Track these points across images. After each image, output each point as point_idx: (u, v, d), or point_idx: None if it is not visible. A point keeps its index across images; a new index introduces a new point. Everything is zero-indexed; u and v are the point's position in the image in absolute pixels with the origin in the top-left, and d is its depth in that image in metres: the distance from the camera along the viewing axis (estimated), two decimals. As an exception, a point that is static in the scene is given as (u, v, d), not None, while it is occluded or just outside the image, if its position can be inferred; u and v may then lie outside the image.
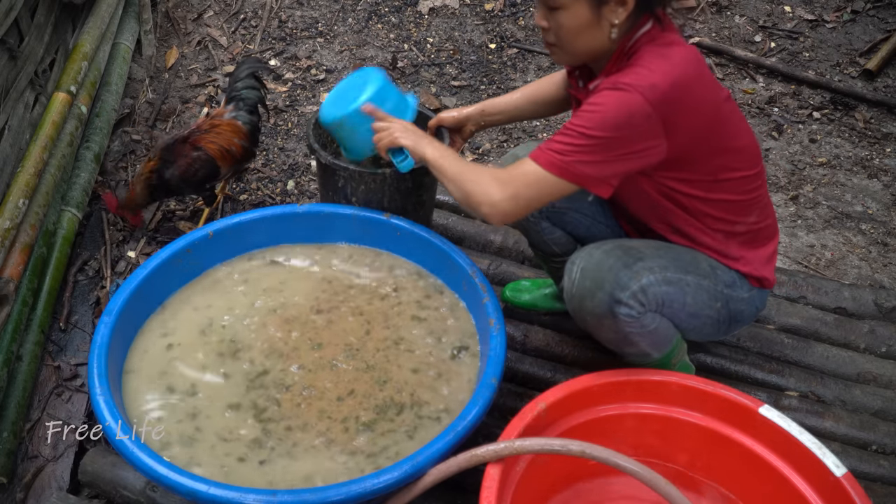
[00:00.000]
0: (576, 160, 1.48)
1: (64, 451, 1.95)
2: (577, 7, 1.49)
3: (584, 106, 1.49)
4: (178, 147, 2.35)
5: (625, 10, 1.48)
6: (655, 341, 1.67)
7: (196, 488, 1.41)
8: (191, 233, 1.97)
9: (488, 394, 1.60)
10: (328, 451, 1.61)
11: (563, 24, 1.52)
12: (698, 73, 1.51)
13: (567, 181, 1.50)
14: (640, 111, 1.44)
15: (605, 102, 1.45)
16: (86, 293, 2.36)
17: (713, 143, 1.56)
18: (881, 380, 2.07)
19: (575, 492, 1.69)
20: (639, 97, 1.43)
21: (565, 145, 1.48)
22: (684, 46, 1.53)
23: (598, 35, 1.52)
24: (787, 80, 3.39)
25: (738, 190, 1.63)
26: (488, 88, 3.32)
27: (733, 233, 1.67)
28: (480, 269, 1.92)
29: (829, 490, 1.52)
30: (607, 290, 1.57)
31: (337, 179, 2.01)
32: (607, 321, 1.61)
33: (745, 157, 1.62)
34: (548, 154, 1.50)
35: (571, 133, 1.48)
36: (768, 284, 1.73)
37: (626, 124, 1.45)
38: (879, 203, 2.84)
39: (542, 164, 1.50)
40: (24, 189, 2.24)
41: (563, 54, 1.59)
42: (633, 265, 1.58)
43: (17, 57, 2.55)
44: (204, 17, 3.60)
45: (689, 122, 1.50)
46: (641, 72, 1.46)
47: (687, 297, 1.63)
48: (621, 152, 1.48)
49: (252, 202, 2.72)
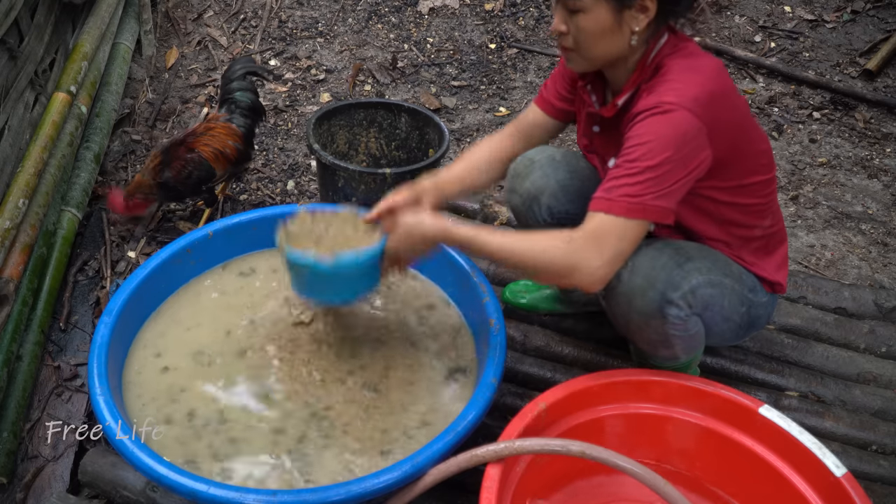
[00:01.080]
0: (652, 197, 1.43)
1: (64, 451, 1.95)
2: (598, 10, 1.46)
3: (633, 139, 1.45)
4: (174, 150, 2.36)
5: (646, 17, 1.46)
6: (690, 346, 1.66)
7: (196, 488, 1.41)
8: (191, 233, 1.98)
9: (488, 394, 1.60)
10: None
11: (583, 27, 1.49)
12: (727, 81, 1.51)
13: (649, 220, 1.46)
14: (692, 127, 1.42)
15: (657, 128, 1.42)
16: (86, 293, 2.36)
17: (742, 148, 1.56)
18: (881, 380, 2.07)
19: (575, 492, 1.69)
20: (687, 114, 1.42)
21: (637, 185, 1.43)
22: (709, 57, 1.53)
23: (618, 41, 1.50)
24: (787, 80, 3.39)
25: (758, 194, 1.63)
26: (488, 88, 3.32)
27: (750, 237, 1.67)
28: (480, 269, 1.92)
29: (829, 490, 1.52)
30: (659, 288, 1.54)
31: (337, 179, 2.01)
32: (655, 322, 1.58)
33: (765, 160, 1.62)
34: (624, 202, 1.43)
35: (636, 170, 1.43)
36: (780, 290, 1.73)
37: (683, 144, 1.43)
38: (879, 203, 2.84)
39: (622, 214, 1.43)
40: (24, 189, 2.24)
41: (580, 60, 1.56)
42: (684, 265, 1.56)
43: (17, 57, 2.55)
44: (204, 17, 3.60)
45: (727, 129, 1.50)
46: (678, 87, 1.44)
47: (724, 301, 1.62)
48: (684, 173, 1.46)
49: (252, 202, 2.72)
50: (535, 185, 1.80)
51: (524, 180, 1.80)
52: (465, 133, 3.09)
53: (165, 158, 2.35)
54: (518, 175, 1.82)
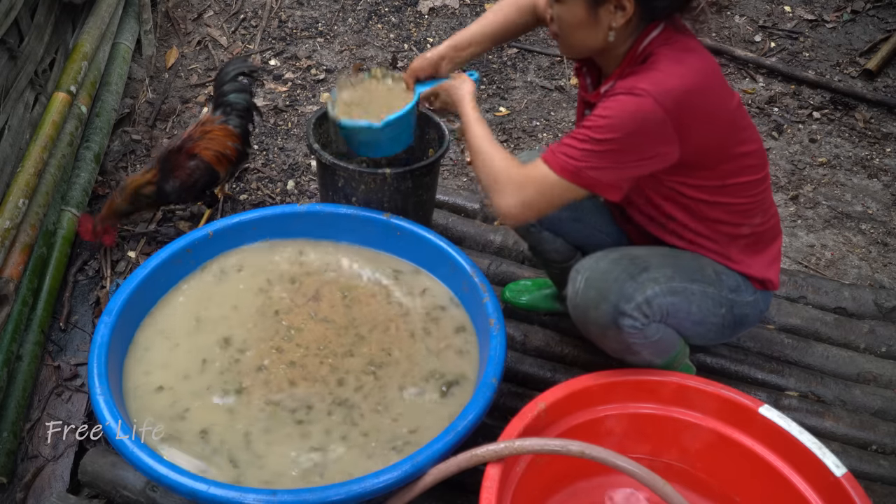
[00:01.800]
0: (588, 165, 1.47)
1: (64, 451, 1.95)
2: (574, 3, 1.49)
3: (598, 110, 1.48)
4: (174, 157, 2.31)
5: (623, 15, 1.47)
6: (658, 350, 1.67)
7: (196, 488, 1.41)
8: (191, 232, 1.98)
9: (488, 394, 1.60)
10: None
11: (560, 16, 1.53)
12: (713, 81, 1.51)
13: (579, 186, 1.50)
14: (653, 117, 1.43)
15: (619, 108, 1.44)
16: (86, 293, 2.36)
17: (724, 150, 1.56)
18: (881, 380, 2.07)
19: (574, 491, 1.69)
20: (652, 103, 1.42)
21: (578, 150, 1.47)
22: (701, 54, 1.52)
23: (595, 34, 1.52)
24: (787, 80, 3.39)
25: (744, 194, 1.63)
26: (488, 88, 3.32)
27: (737, 235, 1.67)
28: (480, 268, 1.92)
29: (829, 490, 1.52)
30: (612, 301, 1.56)
31: (337, 179, 2.01)
32: (611, 332, 1.61)
33: (753, 162, 1.62)
34: (560, 159, 1.49)
35: (585, 138, 1.47)
36: (772, 286, 1.73)
37: (639, 130, 1.44)
38: (879, 203, 2.84)
39: (555, 169, 1.49)
40: (24, 189, 2.24)
41: (563, 46, 1.60)
42: (638, 276, 1.57)
43: (17, 57, 2.55)
44: (204, 17, 3.60)
45: (702, 129, 1.50)
46: (657, 76, 1.45)
47: (692, 306, 1.63)
48: (634, 158, 1.48)
49: (252, 202, 2.72)
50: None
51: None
52: (465, 133, 3.10)
53: (165, 167, 2.30)
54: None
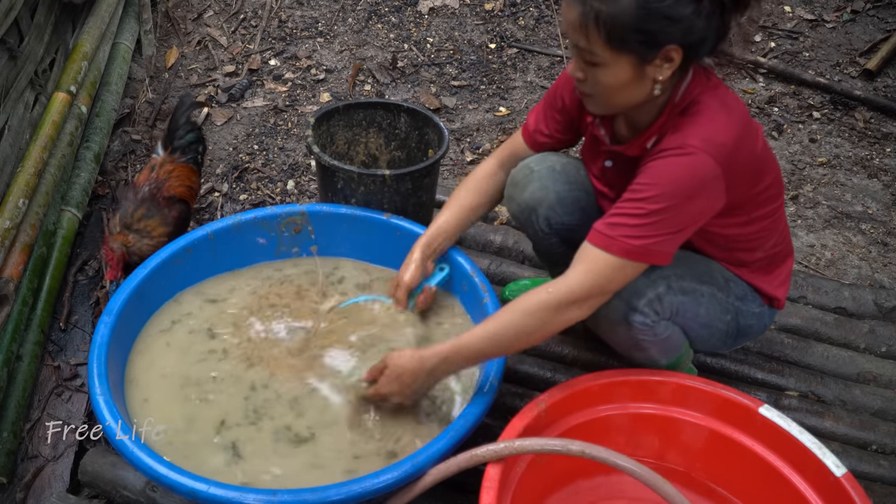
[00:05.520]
0: (654, 242, 1.41)
1: (64, 451, 1.95)
2: (619, 66, 1.39)
3: (647, 175, 1.41)
4: (155, 204, 2.20)
5: (671, 66, 1.39)
6: (665, 349, 1.67)
7: (196, 488, 1.41)
8: (191, 232, 1.98)
9: (488, 394, 1.60)
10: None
11: (601, 80, 1.42)
12: (749, 122, 1.48)
13: (647, 263, 1.45)
14: (710, 174, 1.39)
15: (674, 170, 1.39)
16: (86, 293, 2.36)
17: (753, 188, 1.54)
18: (881, 380, 2.07)
19: (575, 491, 1.69)
20: (706, 159, 1.38)
21: (641, 228, 1.40)
22: (734, 96, 1.49)
23: (639, 91, 1.44)
24: (787, 80, 3.39)
25: (764, 220, 1.62)
26: (488, 88, 3.32)
27: (751, 261, 1.67)
28: (480, 268, 1.92)
29: (829, 490, 1.52)
30: (624, 296, 1.55)
31: (336, 181, 2.01)
32: (621, 328, 1.60)
33: (775, 189, 1.60)
34: (624, 243, 1.41)
35: (644, 211, 1.39)
36: (778, 305, 1.73)
37: (698, 192, 1.40)
38: (879, 203, 2.84)
39: (621, 255, 1.42)
40: (24, 189, 2.24)
41: (597, 106, 1.51)
42: (650, 273, 1.55)
43: (17, 57, 2.55)
44: (204, 17, 3.60)
45: (742, 172, 1.47)
46: (706, 130, 1.40)
47: (700, 308, 1.63)
48: (691, 219, 1.44)
49: (252, 202, 2.72)
50: (534, 196, 1.75)
51: (522, 191, 1.77)
52: (465, 133, 3.09)
53: (149, 213, 2.18)
54: (517, 185, 1.79)
